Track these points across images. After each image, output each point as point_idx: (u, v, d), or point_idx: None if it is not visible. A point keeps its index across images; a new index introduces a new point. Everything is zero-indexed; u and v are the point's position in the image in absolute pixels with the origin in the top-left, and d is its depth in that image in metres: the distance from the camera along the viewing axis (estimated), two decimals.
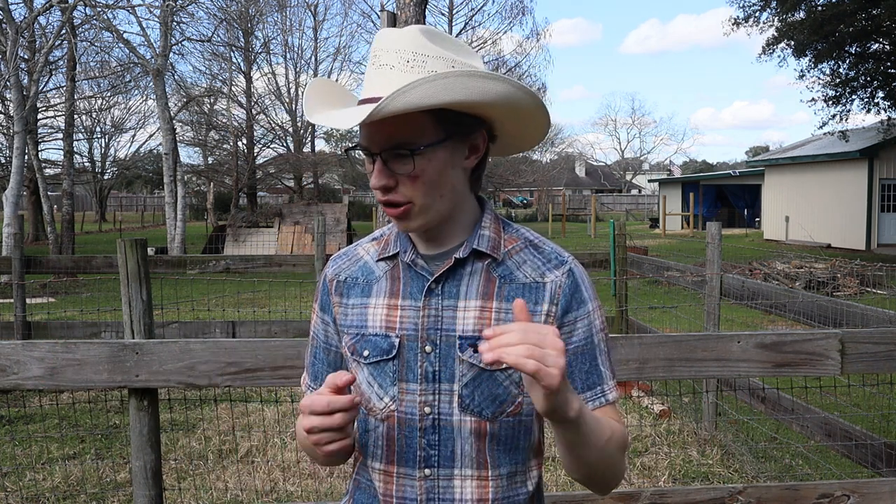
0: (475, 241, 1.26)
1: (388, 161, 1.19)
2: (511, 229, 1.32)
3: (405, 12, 5.18)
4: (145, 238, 2.71)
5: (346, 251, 1.39)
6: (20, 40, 15.22)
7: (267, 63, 30.56)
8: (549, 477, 4.22)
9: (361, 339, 1.28)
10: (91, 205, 43.65)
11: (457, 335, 1.23)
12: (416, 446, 1.23)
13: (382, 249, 1.32)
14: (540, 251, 1.30)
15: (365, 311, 1.29)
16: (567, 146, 62.18)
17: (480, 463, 1.24)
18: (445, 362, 1.23)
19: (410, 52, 1.18)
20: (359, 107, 1.19)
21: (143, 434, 2.46)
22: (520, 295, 1.24)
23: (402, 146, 1.18)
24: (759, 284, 5.22)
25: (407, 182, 1.19)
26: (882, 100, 19.89)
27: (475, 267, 1.26)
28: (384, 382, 1.25)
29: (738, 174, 33.13)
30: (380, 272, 1.30)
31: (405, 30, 1.20)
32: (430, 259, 1.27)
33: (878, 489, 2.58)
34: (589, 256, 7.10)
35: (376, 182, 1.20)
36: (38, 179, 19.57)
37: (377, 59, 1.19)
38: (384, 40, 1.20)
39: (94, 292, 12.25)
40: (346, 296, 1.32)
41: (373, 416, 1.26)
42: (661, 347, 2.37)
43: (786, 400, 4.37)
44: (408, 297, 1.26)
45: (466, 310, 1.23)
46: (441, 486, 1.23)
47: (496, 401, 1.23)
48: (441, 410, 1.23)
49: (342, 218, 20.25)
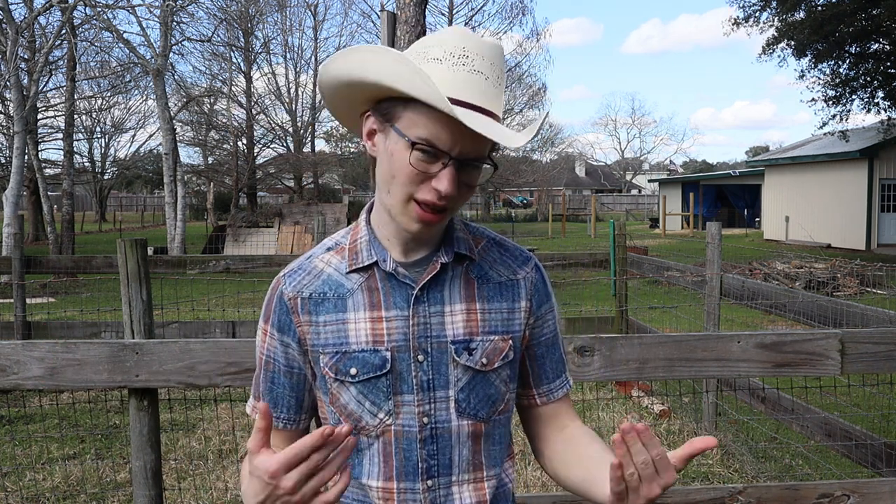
0: (455, 244, 1.25)
1: (460, 169, 1.14)
2: (473, 229, 1.33)
3: (405, 12, 5.19)
4: (145, 238, 2.71)
5: (300, 265, 1.28)
6: (20, 40, 15.22)
7: (267, 63, 30.62)
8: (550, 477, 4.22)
9: (344, 356, 1.21)
10: (91, 205, 43.65)
11: (448, 340, 1.22)
12: (417, 458, 1.21)
13: (351, 259, 1.24)
14: (506, 248, 1.32)
15: (344, 328, 1.21)
16: (567, 146, 62.18)
17: (476, 465, 1.24)
18: (438, 369, 1.22)
19: (500, 69, 1.17)
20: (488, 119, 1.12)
21: (143, 434, 2.46)
22: (498, 294, 1.26)
23: (482, 159, 1.16)
24: (759, 284, 5.22)
25: (463, 191, 1.17)
26: (882, 100, 19.89)
27: (455, 271, 1.25)
28: (377, 399, 1.21)
29: (738, 174, 33.12)
30: (352, 285, 1.23)
31: (493, 42, 1.17)
32: (408, 267, 1.23)
33: (878, 489, 2.58)
34: (589, 256, 7.10)
35: (450, 189, 1.12)
36: (38, 179, 19.57)
37: (469, 62, 1.13)
38: (474, 42, 1.14)
39: (94, 292, 12.25)
40: (314, 313, 1.23)
41: (365, 434, 1.22)
42: (661, 347, 2.37)
43: (786, 400, 4.37)
44: (392, 307, 1.21)
45: (454, 314, 1.23)
46: (442, 495, 1.23)
47: (489, 401, 1.24)
48: (438, 418, 1.22)
49: (342, 218, 20.26)
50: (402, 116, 1.13)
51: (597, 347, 2.35)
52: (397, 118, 1.14)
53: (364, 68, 1.13)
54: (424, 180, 1.14)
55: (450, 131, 1.10)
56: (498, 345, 1.24)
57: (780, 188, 25.96)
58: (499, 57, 1.16)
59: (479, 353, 1.23)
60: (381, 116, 1.17)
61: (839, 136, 20.59)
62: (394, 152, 1.14)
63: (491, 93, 1.14)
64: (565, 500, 2.57)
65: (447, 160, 1.12)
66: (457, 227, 1.28)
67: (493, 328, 1.24)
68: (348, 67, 1.15)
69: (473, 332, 1.23)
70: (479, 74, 1.13)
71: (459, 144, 1.12)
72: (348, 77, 1.15)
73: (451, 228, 1.27)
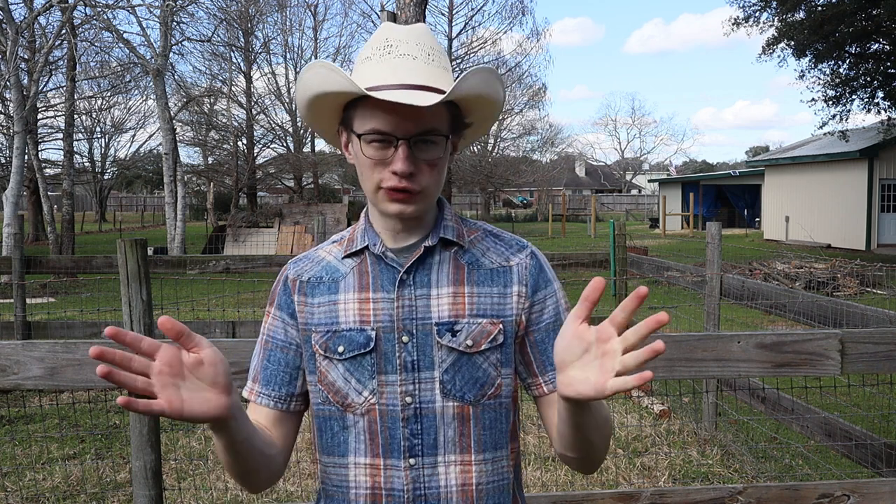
0: (440, 230, 1.30)
1: (414, 147, 1.21)
2: (469, 223, 1.38)
3: (405, 12, 5.19)
4: (145, 238, 2.71)
5: (307, 255, 1.38)
6: (20, 40, 15.22)
7: (267, 63, 30.58)
8: (550, 477, 4.22)
9: (333, 335, 1.27)
10: (91, 205, 43.66)
11: (433, 322, 1.26)
12: (400, 437, 1.25)
13: (347, 247, 1.33)
14: (501, 239, 1.36)
15: (335, 308, 1.28)
16: (567, 146, 62.18)
17: (464, 448, 1.26)
18: (424, 350, 1.25)
19: (429, 47, 1.25)
20: (412, 91, 1.19)
21: (143, 434, 2.46)
22: (489, 279, 1.30)
23: (433, 132, 1.22)
24: (759, 284, 5.22)
25: (425, 169, 1.23)
26: (882, 100, 19.87)
27: (443, 256, 1.30)
28: (362, 377, 1.25)
29: (738, 174, 33.12)
30: (346, 269, 1.31)
31: (416, 25, 1.27)
32: (398, 252, 1.30)
33: (879, 489, 2.58)
34: (589, 256, 7.09)
35: (404, 168, 1.19)
36: (38, 179, 19.57)
37: (394, 49, 1.23)
38: (397, 31, 1.25)
39: (94, 292, 12.25)
40: (310, 295, 1.31)
41: (351, 412, 1.26)
42: None
43: (786, 400, 4.37)
44: (379, 289, 1.27)
45: (440, 297, 1.27)
46: (426, 475, 1.25)
47: (477, 384, 1.27)
48: (422, 399, 1.25)
49: (342, 218, 20.27)
50: (355, 118, 1.24)
51: None
52: (353, 122, 1.25)
53: (307, 86, 1.25)
54: (385, 168, 1.22)
55: (388, 116, 1.19)
56: (486, 328, 1.27)
57: (780, 188, 25.96)
58: (423, 36, 1.25)
59: (463, 334, 1.25)
60: (343, 126, 1.29)
61: (839, 136, 20.57)
62: (355, 151, 1.25)
63: (422, 69, 1.22)
64: (565, 499, 2.57)
65: (395, 142, 1.20)
66: (447, 217, 1.33)
67: (482, 311, 1.27)
68: (301, 90, 1.27)
69: (460, 314, 1.26)
70: (404, 57, 1.22)
71: (402, 125, 1.19)
72: (303, 98, 1.27)
73: (442, 217, 1.32)
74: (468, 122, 1.31)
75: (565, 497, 2.57)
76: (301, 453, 4.63)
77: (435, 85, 1.22)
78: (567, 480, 4.20)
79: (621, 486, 4.16)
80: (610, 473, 4.29)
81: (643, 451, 4.67)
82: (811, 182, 24.04)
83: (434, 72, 1.23)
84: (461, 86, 1.18)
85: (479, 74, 1.21)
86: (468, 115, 1.30)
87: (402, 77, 1.20)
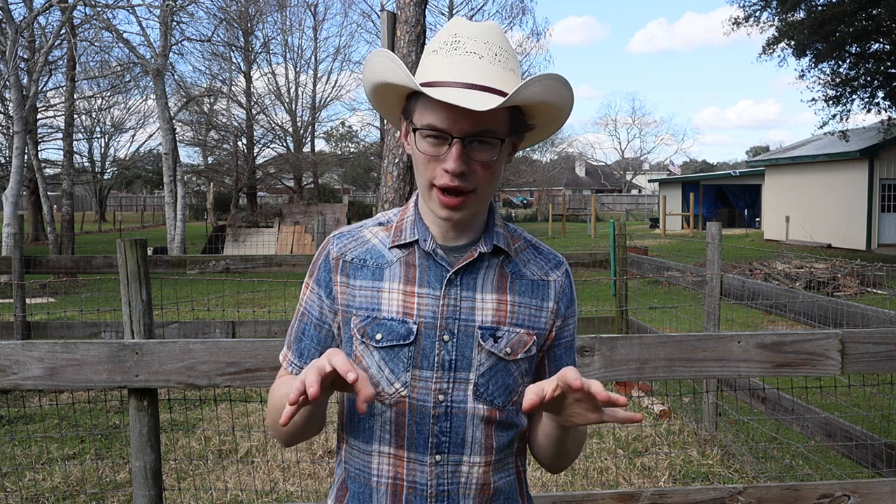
0: (493, 237, 1.31)
1: (468, 147, 1.21)
2: (512, 229, 1.39)
3: (405, 12, 5.18)
4: (145, 238, 2.71)
5: (350, 230, 1.37)
6: (20, 40, 15.21)
7: (267, 63, 30.60)
8: (550, 477, 4.22)
9: (373, 322, 1.27)
10: (91, 205, 43.63)
11: (476, 325, 1.27)
12: (428, 433, 1.26)
13: (395, 236, 1.32)
14: (540, 251, 1.39)
15: (378, 295, 1.28)
16: (567, 146, 62.16)
17: (487, 449, 1.29)
18: (463, 352, 1.27)
19: (497, 46, 1.24)
20: (472, 91, 1.19)
21: (143, 434, 2.46)
22: (529, 290, 1.32)
23: (489, 133, 1.21)
24: (760, 284, 5.22)
25: (479, 170, 1.23)
26: (882, 100, 19.87)
27: (491, 262, 1.32)
28: (396, 368, 1.26)
29: (738, 174, 33.11)
30: (392, 258, 1.31)
31: (487, 23, 1.26)
32: (448, 251, 1.30)
33: (879, 489, 2.58)
34: (589, 256, 7.09)
35: (456, 167, 1.20)
36: (38, 179, 19.56)
37: (461, 45, 1.22)
38: (467, 28, 1.25)
39: (93, 292, 12.25)
40: (352, 276, 1.31)
41: (380, 401, 1.27)
42: (662, 347, 2.37)
43: (786, 400, 4.36)
44: (425, 285, 1.28)
45: (484, 302, 1.29)
46: (450, 472, 1.27)
47: (507, 390, 1.30)
48: (454, 398, 1.27)
49: (342, 218, 20.27)
50: (415, 110, 1.24)
51: (597, 347, 2.35)
52: (412, 113, 1.25)
53: (372, 72, 1.27)
54: (438, 165, 1.22)
55: (446, 113, 1.19)
56: (523, 337, 1.30)
57: (780, 188, 25.95)
58: (494, 36, 1.24)
59: (504, 341, 1.28)
60: (403, 116, 1.29)
61: (839, 135, 20.57)
62: (412, 143, 1.26)
63: (487, 69, 1.21)
64: (565, 499, 2.57)
65: (450, 140, 1.20)
66: (497, 223, 1.34)
67: (521, 321, 1.30)
68: (366, 76, 1.28)
69: (501, 321, 1.29)
70: (471, 55, 1.21)
71: (459, 123, 1.19)
72: (368, 84, 1.29)
73: (493, 223, 1.33)
74: (531, 125, 1.30)
75: (565, 497, 2.57)
76: (301, 453, 4.63)
77: (497, 86, 1.20)
78: (567, 481, 4.20)
79: (621, 486, 4.16)
80: (610, 473, 4.29)
81: (643, 452, 4.67)
82: (811, 182, 24.03)
83: (499, 73, 1.22)
84: (522, 92, 1.17)
85: (544, 81, 1.19)
86: (531, 119, 1.28)
87: (465, 75, 1.20)
